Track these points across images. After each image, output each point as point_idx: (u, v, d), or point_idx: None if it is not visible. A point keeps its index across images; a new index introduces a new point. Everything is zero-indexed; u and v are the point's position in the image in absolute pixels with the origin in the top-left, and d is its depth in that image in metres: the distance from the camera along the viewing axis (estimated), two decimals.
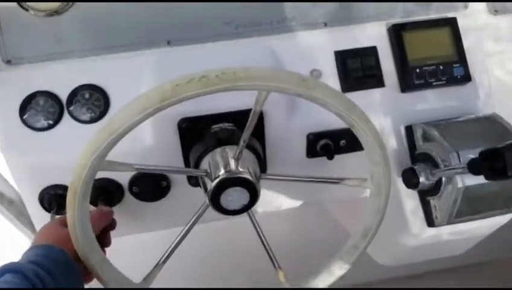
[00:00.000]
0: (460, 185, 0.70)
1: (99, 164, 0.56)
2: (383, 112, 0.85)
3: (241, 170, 0.68)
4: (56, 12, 0.80)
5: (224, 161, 0.69)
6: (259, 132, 0.80)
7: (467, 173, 0.64)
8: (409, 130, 0.83)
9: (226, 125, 0.77)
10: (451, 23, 0.87)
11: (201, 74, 0.52)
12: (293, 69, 0.82)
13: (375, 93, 0.85)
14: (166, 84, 0.52)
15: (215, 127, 0.77)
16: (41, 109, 0.79)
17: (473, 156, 0.68)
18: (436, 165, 0.75)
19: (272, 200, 0.92)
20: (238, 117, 0.77)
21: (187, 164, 0.80)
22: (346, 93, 0.84)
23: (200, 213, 0.71)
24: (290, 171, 0.89)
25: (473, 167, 0.62)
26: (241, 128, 0.77)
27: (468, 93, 0.87)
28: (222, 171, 0.67)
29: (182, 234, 0.72)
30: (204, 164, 0.72)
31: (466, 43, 0.87)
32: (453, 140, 0.73)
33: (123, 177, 0.82)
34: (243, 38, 0.84)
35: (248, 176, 0.67)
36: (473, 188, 0.70)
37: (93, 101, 0.80)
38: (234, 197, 0.68)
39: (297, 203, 0.94)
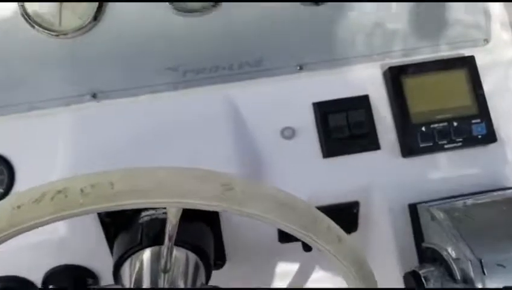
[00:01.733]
0: None
1: None
2: (378, 184, 0.64)
3: (171, 285, 0.48)
4: None
5: (147, 274, 0.49)
6: (211, 215, 0.61)
7: None
8: (414, 209, 0.62)
9: (159, 212, 0.57)
10: (468, 64, 0.66)
11: (59, 186, 0.32)
12: (260, 127, 0.64)
13: (367, 159, 0.64)
14: (3, 205, 0.32)
15: (145, 215, 0.57)
16: None
17: (503, 266, 0.47)
18: (448, 268, 0.53)
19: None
20: None
21: None
22: (329, 158, 0.64)
23: None
24: (260, 259, 0.69)
25: None
26: (184, 215, 0.58)
27: (493, 157, 0.65)
28: None
29: None
30: (125, 272, 0.53)
31: (488, 89, 0.66)
32: (473, 237, 0.52)
33: (35, 273, 0.63)
34: (193, 88, 0.64)
35: None
36: None
37: None
38: None
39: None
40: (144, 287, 0.49)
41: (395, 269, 0.62)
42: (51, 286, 0.63)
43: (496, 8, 0.69)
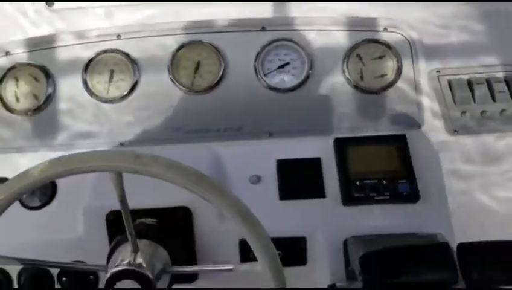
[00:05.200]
0: None
1: None
2: (322, 223, 0.78)
3: (138, 262, 0.64)
4: None
5: (122, 255, 0.66)
6: (186, 229, 0.77)
7: None
8: (345, 243, 0.74)
9: (148, 220, 0.75)
10: (400, 140, 0.82)
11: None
12: (234, 173, 0.82)
13: (314, 204, 0.79)
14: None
15: (138, 222, 0.75)
16: None
17: None
18: None
19: None
20: (163, 214, 0.76)
21: None
22: (284, 200, 0.80)
23: None
24: (224, 276, 0.82)
25: None
26: (165, 224, 0.75)
27: (418, 212, 0.77)
28: (115, 265, 0.64)
29: None
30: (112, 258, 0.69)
31: (421, 161, 0.81)
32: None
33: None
34: (189, 143, 0.86)
35: (138, 269, 0.62)
36: None
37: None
38: None
39: None
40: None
41: None
42: (63, 279, 0.80)
43: (428, 100, 0.86)
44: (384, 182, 0.78)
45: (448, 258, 0.51)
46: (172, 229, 0.75)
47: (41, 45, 0.90)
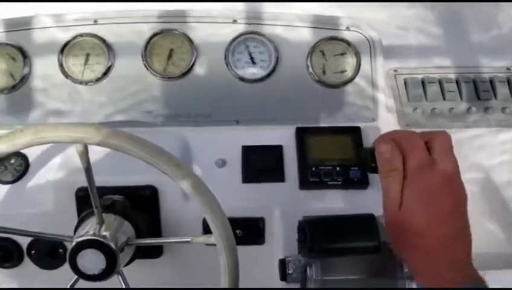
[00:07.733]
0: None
1: None
2: (280, 205, 0.81)
3: (103, 234, 0.66)
4: None
5: (87, 227, 0.68)
6: (152, 206, 0.79)
7: None
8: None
9: (116, 196, 0.77)
10: (354, 132, 0.86)
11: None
12: (201, 157, 0.85)
13: (274, 187, 0.83)
14: None
15: (106, 197, 0.77)
16: None
17: None
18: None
19: None
20: (131, 191, 0.78)
21: None
22: (246, 183, 0.83)
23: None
24: (187, 253, 0.85)
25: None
26: (131, 201, 0.77)
27: (367, 198, 0.81)
28: (80, 235, 0.66)
29: None
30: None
31: None
32: None
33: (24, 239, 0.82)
34: (159, 127, 0.88)
35: (101, 239, 0.64)
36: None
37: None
38: (90, 260, 0.65)
39: None
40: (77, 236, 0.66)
41: None
42: (33, 252, 0.81)
43: (383, 96, 0.91)
44: (338, 168, 0.82)
45: (371, 228, 0.56)
46: (139, 206, 0.77)
47: (20, 26, 0.90)
